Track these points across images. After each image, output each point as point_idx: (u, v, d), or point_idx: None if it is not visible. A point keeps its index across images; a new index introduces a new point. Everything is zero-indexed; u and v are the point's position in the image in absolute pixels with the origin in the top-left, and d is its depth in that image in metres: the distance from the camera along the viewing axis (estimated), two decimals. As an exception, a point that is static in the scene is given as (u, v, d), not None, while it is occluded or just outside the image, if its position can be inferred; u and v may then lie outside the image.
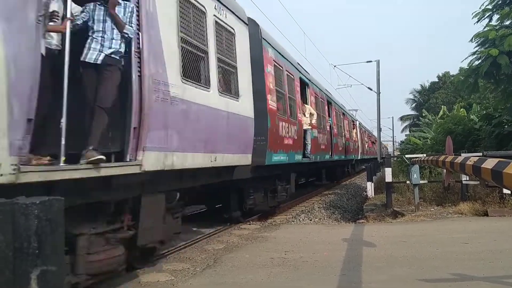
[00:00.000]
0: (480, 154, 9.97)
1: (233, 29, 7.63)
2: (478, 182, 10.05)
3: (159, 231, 5.57)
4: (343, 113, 23.93)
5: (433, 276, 5.30)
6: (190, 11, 6.00)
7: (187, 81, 5.76)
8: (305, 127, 12.80)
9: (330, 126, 18.51)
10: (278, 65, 10.70)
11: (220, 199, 9.92)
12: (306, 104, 13.78)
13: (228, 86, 7.40)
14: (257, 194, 10.28)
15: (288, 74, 11.77)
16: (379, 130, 29.96)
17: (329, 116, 18.71)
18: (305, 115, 12.98)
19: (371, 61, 29.71)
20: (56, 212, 1.39)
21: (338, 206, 14.58)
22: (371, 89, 30.39)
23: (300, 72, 13.43)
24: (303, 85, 13.94)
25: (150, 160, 4.73)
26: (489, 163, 3.30)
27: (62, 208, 1.44)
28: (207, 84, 6.41)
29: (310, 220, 11.28)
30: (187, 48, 5.89)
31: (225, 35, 7.23)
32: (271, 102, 9.66)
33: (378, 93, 29.07)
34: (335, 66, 30.19)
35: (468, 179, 10.33)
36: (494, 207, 9.84)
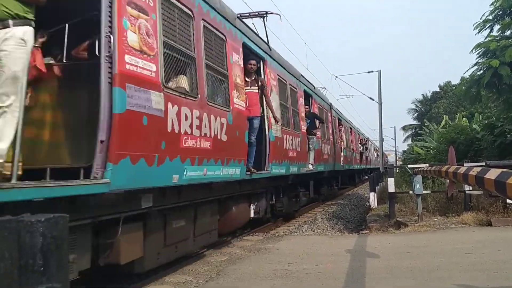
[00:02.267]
0: (483, 163, 9.97)
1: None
2: (482, 192, 10.02)
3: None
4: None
5: (437, 287, 5.27)
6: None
7: None
8: None
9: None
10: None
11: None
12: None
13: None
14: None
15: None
16: (381, 140, 29.97)
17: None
18: None
19: (372, 71, 29.83)
20: (61, 229, 1.40)
21: (341, 216, 14.54)
22: (372, 99, 30.45)
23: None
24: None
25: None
26: (492, 174, 3.29)
27: (66, 225, 1.45)
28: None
29: (313, 231, 11.25)
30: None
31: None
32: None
33: (380, 103, 29.12)
34: (336, 77, 30.30)
35: (471, 189, 10.30)
36: (498, 216, 9.80)
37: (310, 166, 13.51)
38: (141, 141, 4.77)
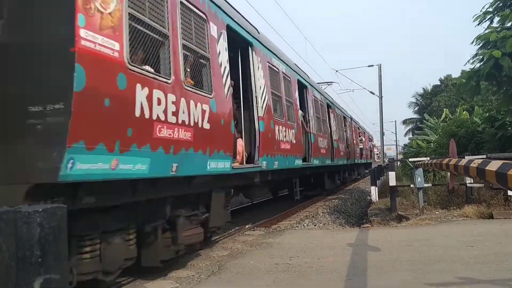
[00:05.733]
0: (484, 156, 9.95)
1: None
2: (483, 184, 10.01)
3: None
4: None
5: (439, 280, 5.27)
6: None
7: None
8: None
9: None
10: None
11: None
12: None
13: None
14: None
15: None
16: (382, 134, 29.95)
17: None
18: None
19: (372, 65, 29.78)
20: (59, 219, 1.37)
21: (342, 211, 14.53)
22: (373, 93, 30.42)
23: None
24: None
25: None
26: (493, 165, 3.28)
27: (65, 215, 1.43)
28: None
29: (315, 225, 11.24)
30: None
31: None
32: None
33: (381, 97, 29.10)
34: (337, 71, 30.25)
35: (472, 181, 10.29)
36: (499, 209, 9.80)
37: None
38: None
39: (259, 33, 9.59)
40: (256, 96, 8.90)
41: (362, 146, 30.34)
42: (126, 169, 4.38)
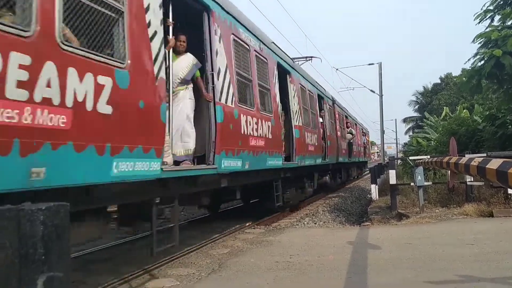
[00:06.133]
0: (484, 154, 9.94)
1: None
2: (483, 183, 10.02)
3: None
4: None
5: (439, 278, 5.27)
6: None
7: None
8: None
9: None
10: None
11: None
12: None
13: None
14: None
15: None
16: (383, 132, 29.95)
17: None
18: None
19: (373, 64, 29.76)
20: (62, 217, 1.38)
21: (343, 209, 14.55)
22: (373, 92, 30.42)
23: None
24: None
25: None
26: (494, 164, 3.28)
27: (67, 213, 1.44)
28: None
29: (315, 223, 11.25)
30: None
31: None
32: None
33: (381, 96, 29.09)
34: (337, 69, 30.21)
35: (472, 180, 10.29)
36: (499, 207, 9.80)
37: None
38: None
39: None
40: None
41: (352, 140, 23.68)
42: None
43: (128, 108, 4.71)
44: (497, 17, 12.88)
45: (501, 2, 12.67)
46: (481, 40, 12.55)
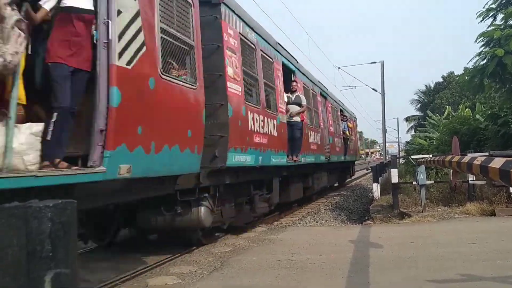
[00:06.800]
0: (487, 153, 9.94)
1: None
2: (485, 182, 10.01)
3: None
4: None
5: (441, 277, 5.28)
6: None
7: None
8: None
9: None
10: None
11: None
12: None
13: None
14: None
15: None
16: (385, 131, 29.94)
17: None
18: None
19: (375, 62, 29.74)
20: (69, 214, 1.40)
21: (344, 207, 14.56)
22: (375, 90, 30.41)
23: None
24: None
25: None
26: (497, 163, 3.29)
27: (75, 210, 1.45)
28: None
29: (317, 222, 11.27)
30: None
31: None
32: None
33: (383, 94, 29.08)
34: (339, 68, 30.20)
35: (474, 179, 10.29)
36: (502, 206, 9.79)
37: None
38: None
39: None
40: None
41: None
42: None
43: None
44: (499, 16, 12.88)
45: (504, 1, 12.65)
46: (483, 39, 12.55)
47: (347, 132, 20.72)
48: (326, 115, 16.79)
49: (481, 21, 13.21)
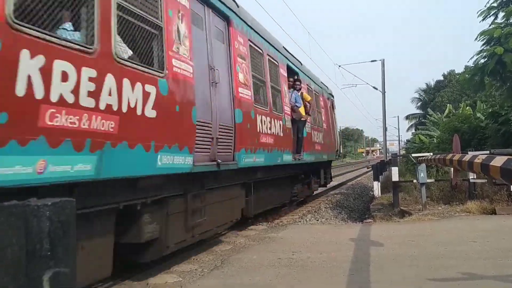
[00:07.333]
0: (487, 152, 9.93)
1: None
2: (486, 180, 10.00)
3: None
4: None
5: (442, 276, 5.27)
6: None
7: None
8: None
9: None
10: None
11: None
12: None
13: None
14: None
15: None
16: (385, 129, 29.93)
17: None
18: None
19: (375, 60, 29.70)
20: (68, 213, 1.39)
21: (345, 206, 14.55)
22: (376, 88, 30.38)
23: None
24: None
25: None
26: (498, 161, 3.28)
27: (74, 209, 1.44)
28: None
29: (317, 220, 11.26)
30: None
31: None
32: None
33: (384, 92, 29.04)
34: (339, 66, 30.15)
35: (475, 177, 10.28)
36: (502, 205, 9.78)
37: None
38: None
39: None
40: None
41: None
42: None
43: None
44: (500, 14, 12.85)
45: (505, -1, 12.64)
46: (484, 37, 12.52)
47: (300, 109, 11.56)
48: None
49: (482, 19, 13.20)
